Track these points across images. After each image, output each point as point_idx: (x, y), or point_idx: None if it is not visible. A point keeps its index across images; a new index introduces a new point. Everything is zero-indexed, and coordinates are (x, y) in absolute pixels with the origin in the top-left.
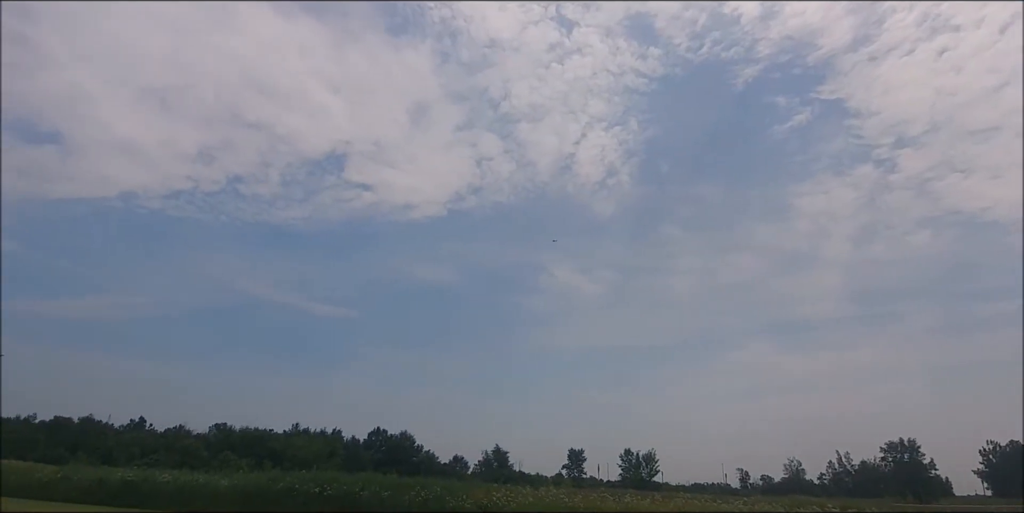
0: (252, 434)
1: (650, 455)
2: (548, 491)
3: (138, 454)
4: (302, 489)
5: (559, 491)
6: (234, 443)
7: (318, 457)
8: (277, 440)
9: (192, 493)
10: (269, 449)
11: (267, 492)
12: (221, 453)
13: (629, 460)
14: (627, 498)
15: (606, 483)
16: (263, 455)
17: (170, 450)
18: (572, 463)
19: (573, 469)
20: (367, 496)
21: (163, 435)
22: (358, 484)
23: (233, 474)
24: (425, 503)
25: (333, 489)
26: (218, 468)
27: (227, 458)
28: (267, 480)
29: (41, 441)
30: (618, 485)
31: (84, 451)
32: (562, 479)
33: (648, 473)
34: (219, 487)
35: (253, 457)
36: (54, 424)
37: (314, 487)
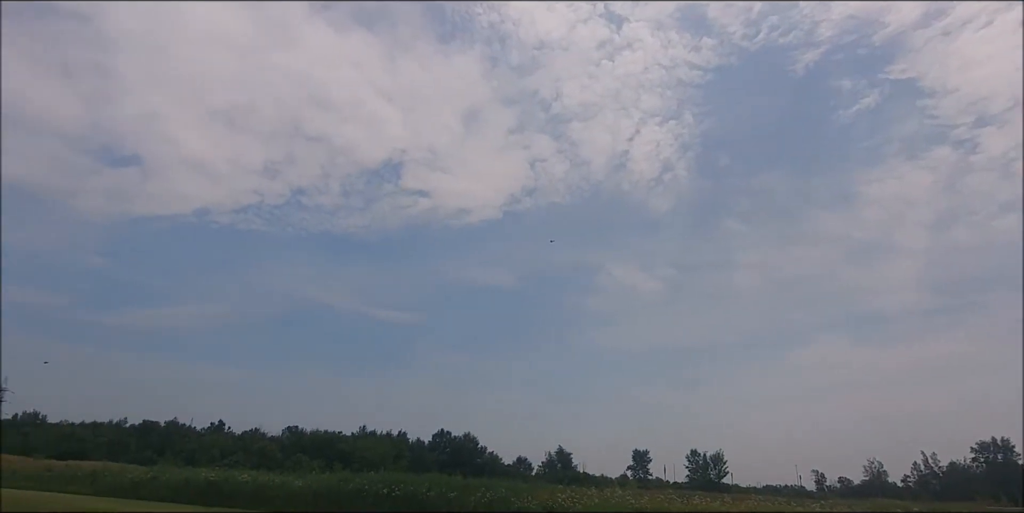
0: (322, 436)
1: (718, 456)
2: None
3: (218, 455)
4: (371, 490)
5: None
6: (305, 445)
7: (385, 459)
8: (346, 442)
9: (269, 493)
10: (338, 451)
11: (338, 492)
12: (294, 455)
13: (696, 461)
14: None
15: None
16: (333, 456)
17: (247, 452)
18: (637, 464)
19: (638, 470)
20: (434, 497)
21: (240, 437)
22: (425, 485)
23: (306, 475)
24: (491, 504)
25: (401, 490)
26: (292, 469)
27: (299, 459)
28: (338, 481)
29: (132, 444)
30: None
31: (170, 453)
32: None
33: (717, 474)
34: (294, 487)
35: (324, 458)
36: (143, 427)
37: (383, 488)
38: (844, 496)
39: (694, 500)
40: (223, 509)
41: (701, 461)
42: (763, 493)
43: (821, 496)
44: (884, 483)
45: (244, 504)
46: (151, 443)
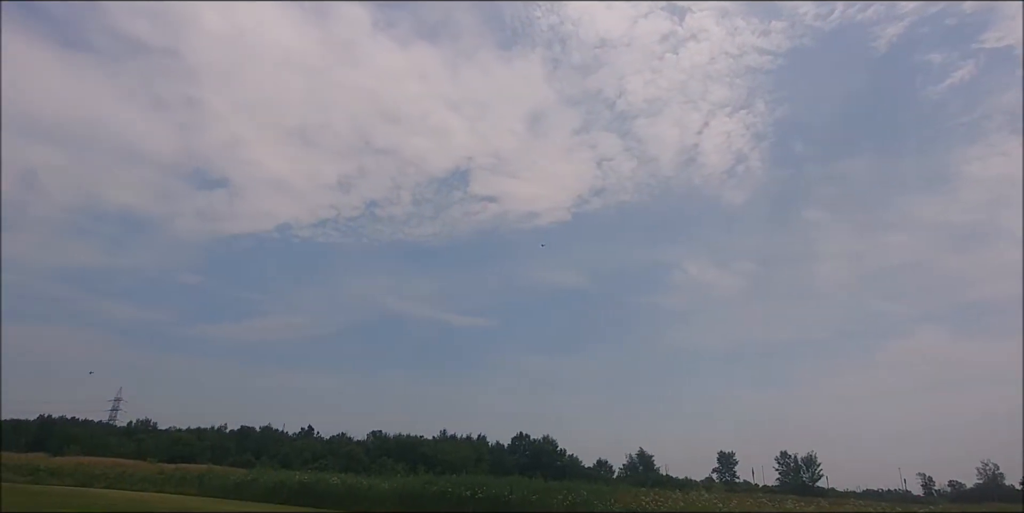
0: (405, 440)
1: (810, 458)
2: (699, 495)
3: (309, 459)
4: (454, 492)
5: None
6: (389, 449)
7: (466, 462)
8: (427, 445)
9: (358, 494)
10: (421, 454)
11: (423, 494)
12: (379, 458)
13: (786, 463)
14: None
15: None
16: (416, 460)
17: (335, 455)
18: (723, 466)
19: (724, 473)
20: (516, 499)
21: (329, 441)
22: (506, 488)
23: (392, 477)
24: (573, 506)
25: (483, 492)
26: (377, 472)
27: (384, 462)
28: (422, 483)
29: (232, 447)
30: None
31: (266, 456)
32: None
33: (810, 477)
34: (381, 489)
35: (407, 462)
36: (241, 432)
37: (465, 490)
38: (955, 500)
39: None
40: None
41: (792, 463)
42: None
43: (929, 501)
44: (1001, 486)
45: (335, 505)
46: (249, 447)
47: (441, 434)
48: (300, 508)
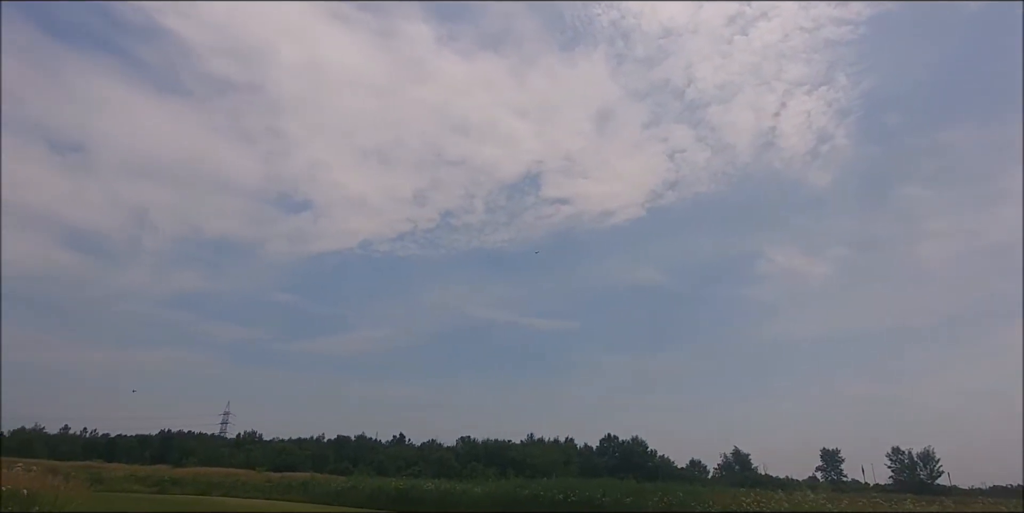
0: (493, 445)
1: (927, 453)
2: (804, 495)
3: (403, 465)
4: (547, 496)
5: (817, 496)
6: (479, 454)
7: (555, 465)
8: (516, 450)
9: (452, 499)
10: (509, 458)
11: (515, 499)
12: (469, 463)
13: (900, 460)
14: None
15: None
16: (505, 464)
17: (427, 461)
18: (827, 464)
19: (829, 471)
20: (609, 502)
21: (420, 448)
22: (599, 490)
23: (484, 482)
24: (669, 508)
25: (576, 495)
26: (469, 477)
27: (475, 467)
28: (514, 487)
29: (330, 456)
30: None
31: (363, 463)
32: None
33: (928, 475)
34: (474, 494)
35: (496, 466)
36: (337, 442)
37: (558, 494)
38: None
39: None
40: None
41: (906, 460)
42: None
43: None
44: None
45: (430, 510)
46: (346, 455)
47: (528, 438)
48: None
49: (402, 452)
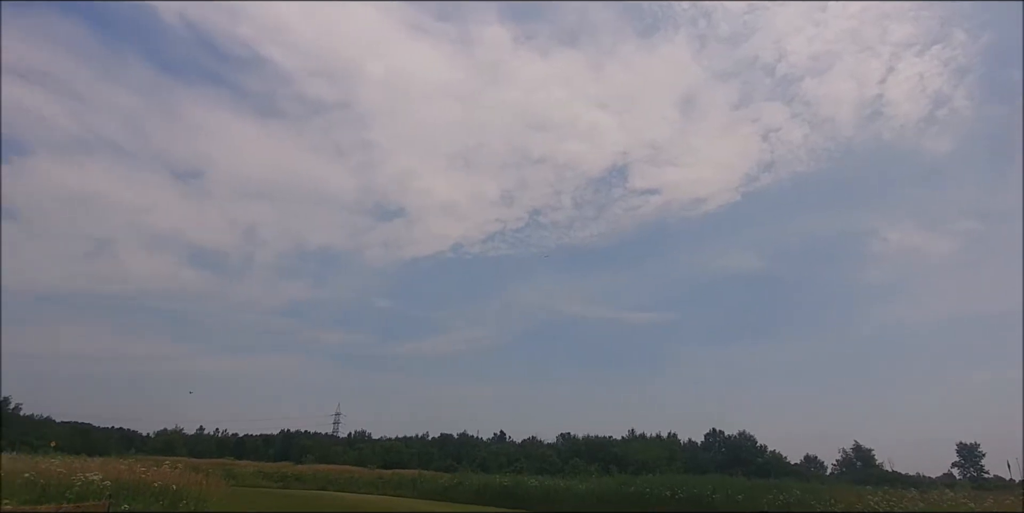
0: (594, 441)
1: None
2: (942, 494)
3: (505, 462)
4: (653, 493)
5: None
6: (580, 450)
7: (658, 461)
8: (617, 445)
9: (556, 496)
10: (611, 454)
11: (620, 495)
12: (571, 460)
13: None
14: None
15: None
16: (607, 460)
17: (529, 458)
18: (965, 460)
19: (967, 467)
20: (719, 499)
21: (521, 445)
22: (708, 487)
23: (587, 478)
24: (786, 507)
25: (683, 492)
26: (571, 473)
27: (576, 464)
28: (618, 484)
29: (435, 454)
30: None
31: (466, 461)
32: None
33: None
34: (578, 491)
35: (598, 462)
36: (441, 440)
37: (664, 490)
38: None
39: None
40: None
41: None
42: None
43: None
44: None
45: (535, 506)
46: (450, 452)
47: (630, 433)
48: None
49: (503, 449)
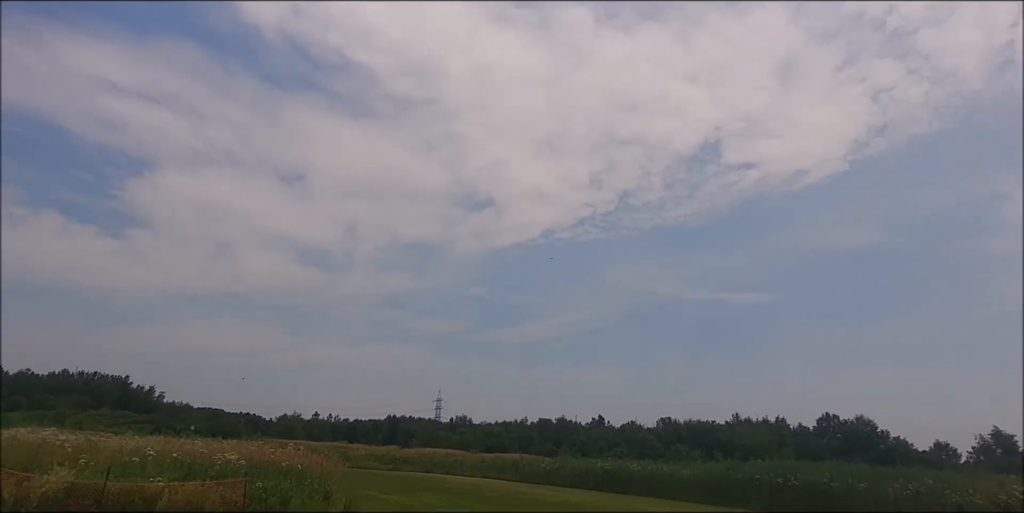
0: (696, 426)
1: None
2: None
3: (604, 447)
4: (763, 479)
5: None
6: (681, 435)
7: (767, 446)
8: (721, 430)
9: (660, 481)
10: (715, 439)
11: (727, 481)
12: (672, 445)
13: None
14: None
15: None
16: (711, 445)
17: (628, 442)
18: None
19: None
20: (837, 487)
21: (620, 430)
22: (824, 474)
23: (691, 464)
24: (916, 497)
25: (797, 479)
26: (673, 458)
27: (678, 449)
28: (725, 470)
29: (535, 438)
30: None
31: (565, 445)
32: None
33: None
34: (682, 476)
35: (701, 447)
36: (540, 424)
37: (775, 477)
38: None
39: None
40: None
41: None
42: None
43: None
44: None
45: (637, 491)
46: (549, 437)
47: (734, 418)
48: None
49: (603, 434)
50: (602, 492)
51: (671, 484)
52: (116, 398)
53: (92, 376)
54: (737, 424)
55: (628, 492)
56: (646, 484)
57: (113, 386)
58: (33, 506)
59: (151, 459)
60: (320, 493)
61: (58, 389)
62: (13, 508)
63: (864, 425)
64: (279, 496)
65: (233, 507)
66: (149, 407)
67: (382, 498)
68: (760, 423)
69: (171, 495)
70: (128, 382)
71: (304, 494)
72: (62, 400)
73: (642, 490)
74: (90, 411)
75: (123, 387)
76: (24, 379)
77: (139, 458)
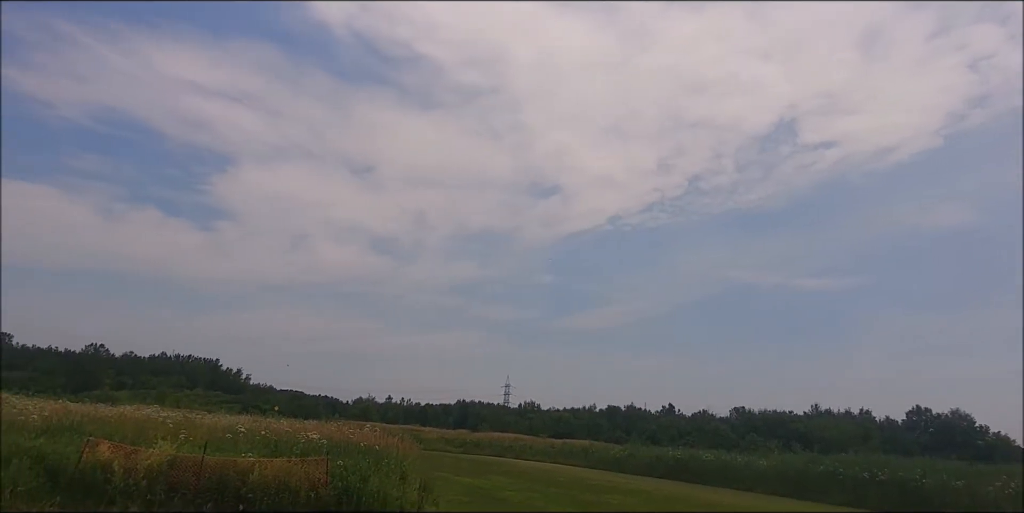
0: (772, 416)
1: None
2: None
3: (675, 435)
4: (847, 473)
5: None
6: (756, 425)
7: (850, 439)
8: (799, 422)
9: (734, 471)
10: (793, 430)
11: (807, 474)
12: (747, 435)
13: None
14: None
15: None
16: (788, 437)
17: (700, 432)
18: None
19: None
20: (931, 484)
21: (691, 419)
22: (916, 470)
23: (767, 455)
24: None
25: (885, 474)
26: (748, 449)
27: (753, 439)
28: (804, 462)
29: (604, 425)
30: None
31: (635, 433)
32: None
33: None
34: (758, 467)
35: (778, 439)
36: (609, 411)
37: (860, 471)
38: None
39: None
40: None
41: None
42: None
43: None
44: None
45: (711, 481)
46: (618, 424)
47: (813, 409)
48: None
49: (673, 422)
50: (674, 481)
51: (746, 475)
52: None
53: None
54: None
55: (701, 482)
56: (719, 475)
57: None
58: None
59: (242, 436)
60: (397, 473)
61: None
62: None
63: (960, 419)
64: (358, 474)
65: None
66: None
67: (454, 480)
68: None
69: (261, 470)
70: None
71: (382, 473)
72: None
73: (715, 480)
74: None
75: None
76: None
77: (232, 434)
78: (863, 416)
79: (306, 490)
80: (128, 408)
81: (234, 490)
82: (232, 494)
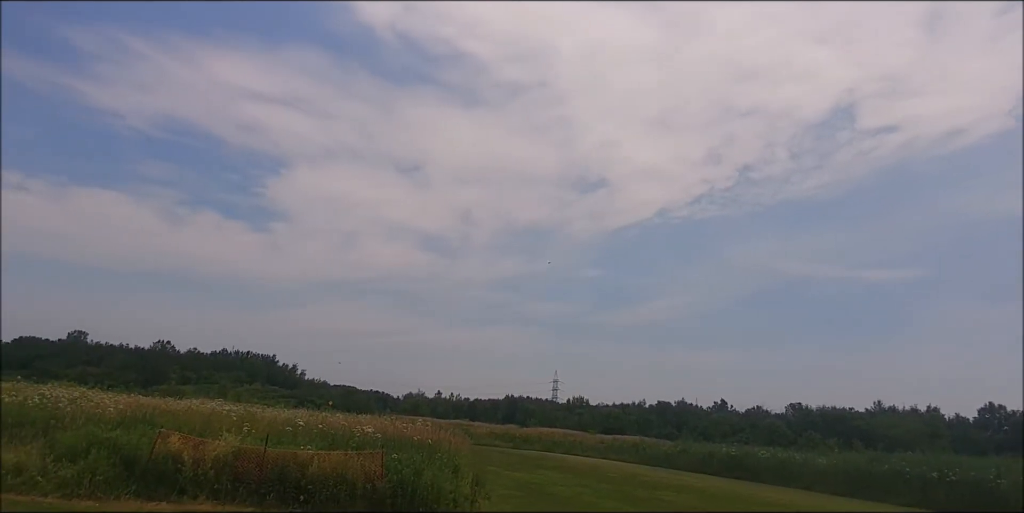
0: (831, 413)
1: None
2: None
3: (728, 432)
4: (914, 473)
5: None
6: (814, 422)
7: (916, 437)
8: (860, 419)
9: (792, 469)
10: (854, 428)
11: (870, 473)
12: (804, 432)
13: None
14: None
15: None
16: (848, 434)
17: (754, 428)
18: None
19: None
20: (1007, 485)
21: (745, 415)
22: (991, 470)
23: (826, 453)
24: None
25: (956, 474)
26: (805, 447)
27: (811, 437)
28: (867, 461)
29: (654, 420)
30: None
31: (686, 429)
32: None
33: None
34: (817, 465)
35: (838, 436)
36: (659, 407)
37: (929, 471)
38: None
39: None
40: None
41: None
42: None
43: None
44: None
45: (766, 479)
46: (669, 420)
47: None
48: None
49: (726, 418)
50: (728, 479)
51: (805, 473)
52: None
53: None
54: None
55: (756, 480)
56: (776, 472)
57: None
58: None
59: (301, 429)
60: (449, 467)
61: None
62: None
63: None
64: (412, 468)
65: (372, 476)
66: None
67: (504, 474)
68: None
69: (320, 462)
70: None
71: (435, 467)
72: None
73: (771, 478)
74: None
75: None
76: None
77: (291, 427)
78: (930, 413)
79: (362, 482)
80: (194, 402)
81: (294, 481)
82: (292, 485)
